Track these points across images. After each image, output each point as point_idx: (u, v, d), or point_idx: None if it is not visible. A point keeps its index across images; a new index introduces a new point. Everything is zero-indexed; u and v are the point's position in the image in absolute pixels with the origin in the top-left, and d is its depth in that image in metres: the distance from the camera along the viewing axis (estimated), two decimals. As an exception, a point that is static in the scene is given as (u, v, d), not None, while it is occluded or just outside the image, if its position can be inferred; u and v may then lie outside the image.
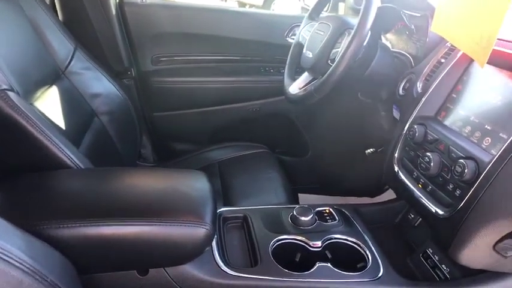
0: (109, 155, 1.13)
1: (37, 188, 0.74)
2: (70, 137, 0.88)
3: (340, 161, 1.56)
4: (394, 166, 0.90)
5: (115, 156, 1.16)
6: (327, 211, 0.93)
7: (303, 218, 0.88)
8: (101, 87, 1.14)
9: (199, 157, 1.36)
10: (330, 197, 1.55)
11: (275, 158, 1.34)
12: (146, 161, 1.50)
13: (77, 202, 0.71)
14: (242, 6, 1.78)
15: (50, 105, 0.95)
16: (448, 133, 0.79)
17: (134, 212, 0.68)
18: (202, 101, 1.50)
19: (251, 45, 1.49)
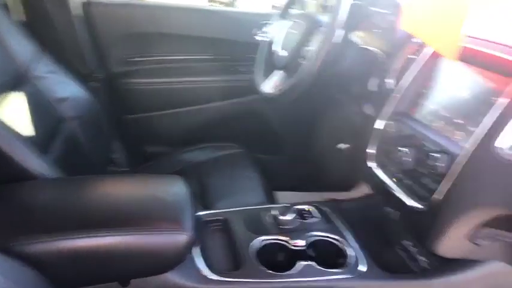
0: (80, 162, 1.09)
1: (3, 203, 0.70)
2: (37, 145, 0.84)
3: (314, 157, 1.58)
4: (369, 162, 0.91)
5: (86, 162, 1.11)
6: (308, 209, 0.94)
7: (285, 218, 0.88)
8: (68, 91, 1.10)
9: (174, 160, 1.33)
10: (307, 193, 1.56)
11: (251, 158, 1.34)
12: (118, 166, 1.46)
13: (48, 215, 0.68)
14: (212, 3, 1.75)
15: (13, 111, 0.90)
16: (421, 128, 0.82)
17: (110, 223, 0.66)
18: (175, 102, 1.48)
19: (221, 44, 1.48)
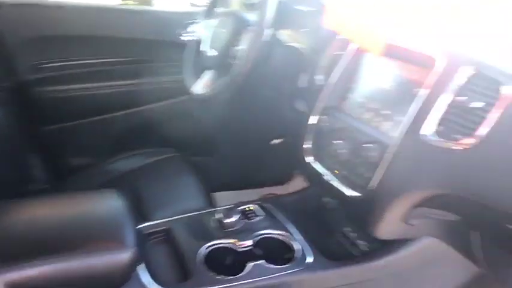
0: None
1: None
2: None
3: (248, 155, 1.59)
4: (306, 157, 0.94)
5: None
6: (251, 208, 0.94)
7: (229, 220, 0.87)
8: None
9: (102, 171, 1.25)
10: (246, 191, 1.57)
11: (186, 161, 1.30)
12: (38, 184, 1.32)
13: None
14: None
15: None
16: (352, 120, 0.86)
17: (44, 251, 0.59)
18: (98, 109, 1.38)
19: (144, 44, 1.41)
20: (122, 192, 0.80)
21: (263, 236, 0.86)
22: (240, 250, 0.82)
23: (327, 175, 0.88)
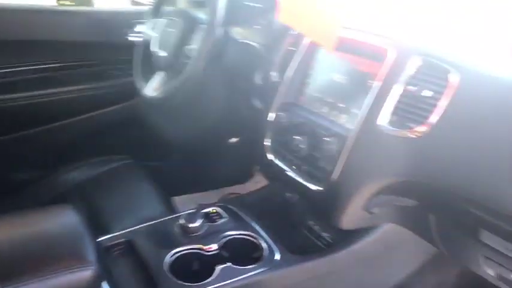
0: None
1: None
2: None
3: (206, 156, 1.56)
4: (267, 154, 0.94)
5: None
6: (214, 211, 0.92)
7: (192, 225, 0.84)
8: None
9: (51, 184, 1.17)
10: (206, 193, 1.55)
11: (142, 167, 1.25)
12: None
13: None
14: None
15: None
16: (310, 115, 0.87)
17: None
18: (42, 118, 1.29)
19: (88, 47, 1.34)
20: (76, 205, 0.75)
21: (229, 238, 0.85)
22: (207, 254, 0.80)
23: (289, 171, 0.88)
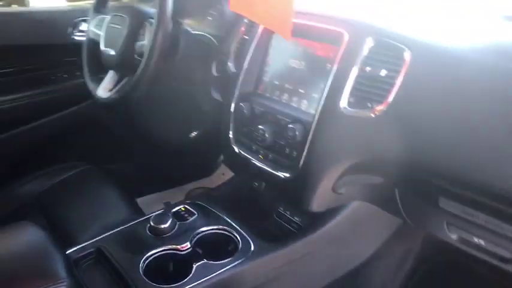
0: None
1: None
2: None
3: (168, 152, 1.53)
4: (232, 146, 0.93)
5: None
6: (183, 209, 0.91)
7: (163, 226, 0.83)
8: None
9: (7, 198, 1.10)
10: (171, 191, 1.52)
11: (102, 171, 1.20)
12: None
13: None
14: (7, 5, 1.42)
15: None
16: (271, 103, 0.87)
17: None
18: None
19: (30, 50, 1.26)
20: (37, 218, 0.71)
21: (202, 234, 0.84)
22: (182, 254, 0.79)
23: (256, 161, 0.88)
